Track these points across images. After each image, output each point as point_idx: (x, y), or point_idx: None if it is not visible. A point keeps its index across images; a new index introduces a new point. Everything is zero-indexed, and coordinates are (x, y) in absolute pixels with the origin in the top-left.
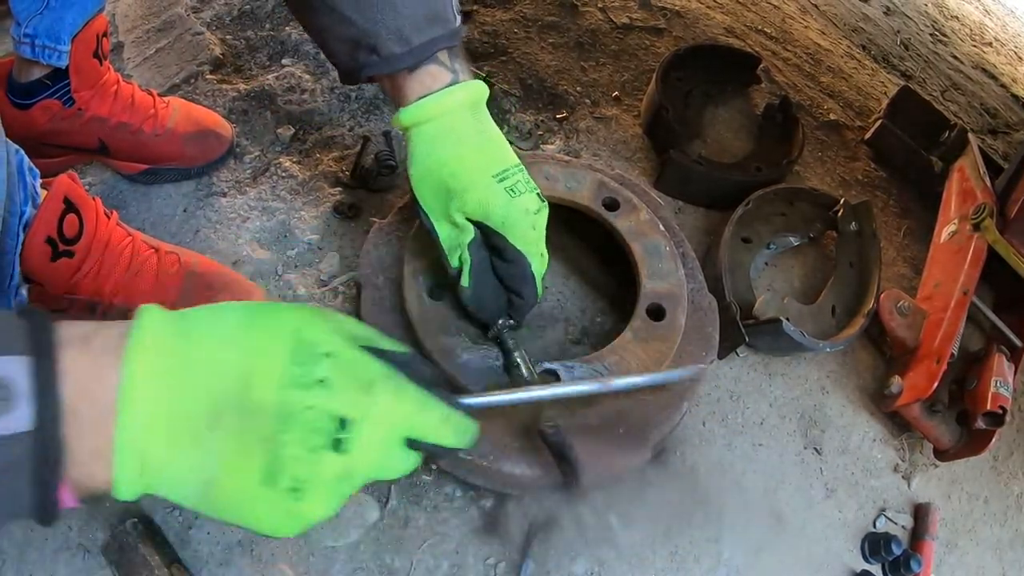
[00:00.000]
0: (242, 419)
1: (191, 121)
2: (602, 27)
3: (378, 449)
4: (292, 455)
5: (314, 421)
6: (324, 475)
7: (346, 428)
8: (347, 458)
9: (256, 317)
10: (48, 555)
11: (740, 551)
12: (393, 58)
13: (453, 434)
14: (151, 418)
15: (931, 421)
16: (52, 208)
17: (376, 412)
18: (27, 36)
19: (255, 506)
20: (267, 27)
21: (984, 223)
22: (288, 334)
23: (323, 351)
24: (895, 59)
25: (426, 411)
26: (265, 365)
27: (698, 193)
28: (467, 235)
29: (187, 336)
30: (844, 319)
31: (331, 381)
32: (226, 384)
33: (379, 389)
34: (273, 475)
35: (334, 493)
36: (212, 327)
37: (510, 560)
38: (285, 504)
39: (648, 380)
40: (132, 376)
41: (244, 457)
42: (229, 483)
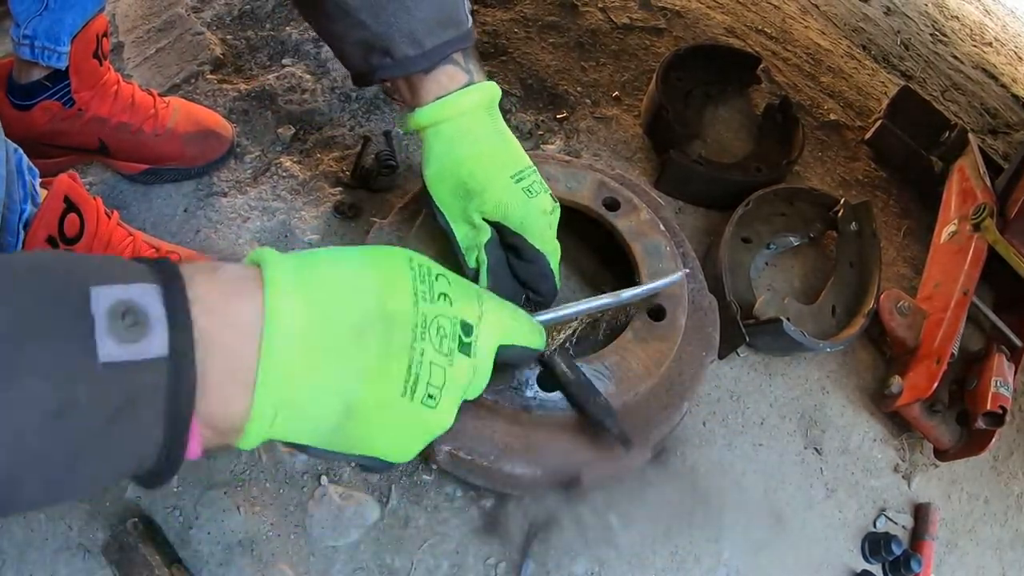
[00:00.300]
0: (385, 331)
1: (191, 121)
2: (602, 27)
3: (489, 352)
4: (429, 360)
5: (445, 327)
6: (456, 379)
7: (470, 332)
8: (473, 361)
9: (373, 250)
10: (48, 555)
11: (740, 551)
12: (407, 61)
13: (537, 336)
14: (295, 337)
15: (931, 421)
16: (53, 207)
17: (488, 316)
18: (26, 37)
19: (392, 418)
20: (267, 27)
21: (984, 223)
22: (406, 260)
23: (436, 272)
24: (895, 59)
25: (519, 316)
26: (397, 284)
27: (698, 193)
28: (484, 235)
29: (317, 265)
30: (844, 319)
31: (451, 294)
32: (365, 302)
33: (487, 300)
34: (414, 382)
35: (458, 398)
36: (337, 258)
37: (510, 560)
38: (419, 414)
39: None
40: (275, 297)
41: (389, 364)
42: (371, 395)
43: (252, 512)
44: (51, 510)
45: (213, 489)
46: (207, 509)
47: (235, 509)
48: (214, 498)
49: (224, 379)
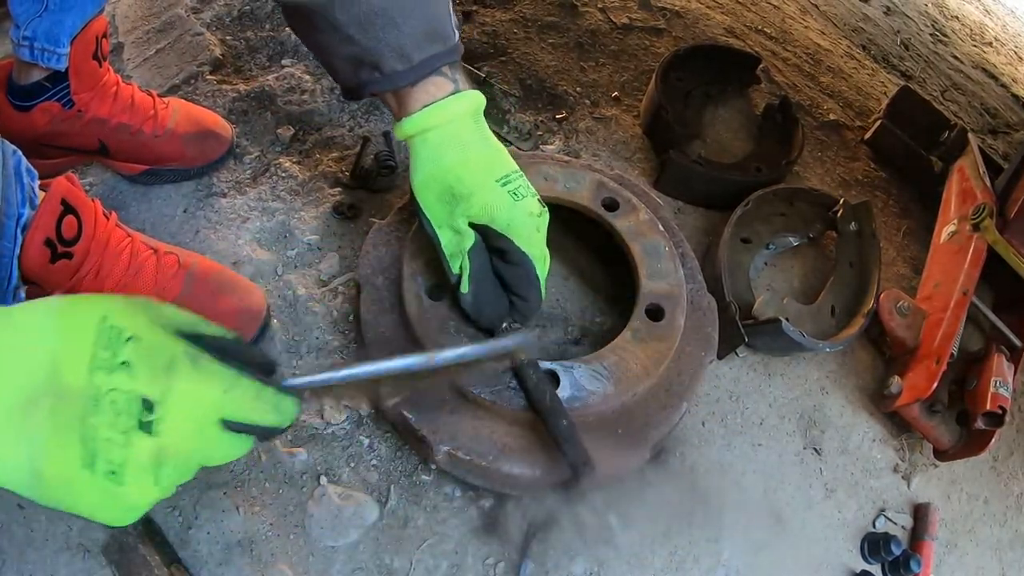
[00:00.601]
0: (55, 403)
1: (191, 122)
2: (602, 27)
3: (191, 430)
4: (104, 437)
5: (120, 403)
6: (138, 457)
7: (152, 410)
8: (159, 439)
9: (66, 306)
10: (48, 555)
11: (739, 551)
12: (395, 75)
13: (269, 411)
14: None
15: (931, 421)
16: (50, 210)
17: (179, 392)
18: (26, 39)
19: (80, 491)
20: (267, 27)
21: (984, 223)
22: (95, 320)
23: (128, 335)
24: (895, 59)
25: (234, 389)
26: (73, 349)
27: (698, 193)
28: (468, 241)
29: (5, 327)
30: (844, 319)
31: (133, 363)
32: (37, 369)
33: (180, 369)
34: (90, 459)
35: (155, 476)
36: (24, 317)
37: (509, 560)
38: (107, 487)
39: (474, 351)
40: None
41: (61, 440)
42: (52, 468)
43: (251, 512)
44: (52, 510)
45: (212, 489)
46: (206, 509)
47: (234, 509)
48: (213, 498)
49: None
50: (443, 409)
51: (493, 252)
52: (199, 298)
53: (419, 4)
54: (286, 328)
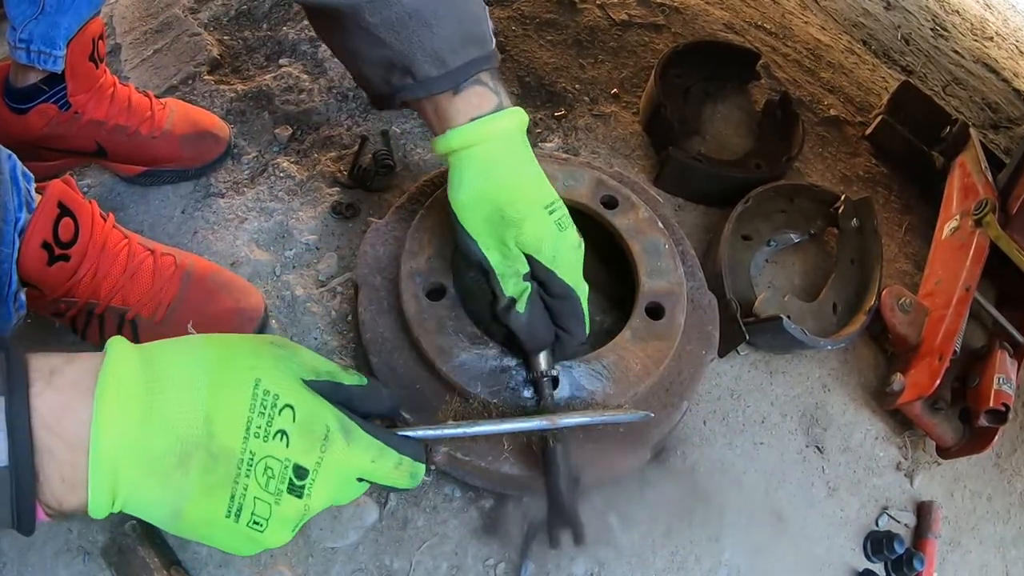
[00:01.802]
0: (208, 462)
1: (189, 122)
2: (600, 24)
3: (332, 490)
4: (253, 496)
5: (274, 469)
6: (283, 514)
7: (305, 476)
8: (305, 501)
9: (220, 361)
10: (48, 557)
11: (741, 551)
12: (429, 81)
13: (404, 477)
14: (121, 455)
15: (933, 419)
16: (46, 213)
17: (331, 463)
18: (22, 41)
19: (219, 533)
20: (264, 27)
21: (986, 219)
22: (250, 383)
23: (283, 402)
24: (896, 54)
25: (379, 460)
26: (229, 414)
27: (698, 190)
28: (523, 265)
29: (154, 375)
30: (845, 316)
31: (290, 433)
32: (192, 427)
33: (335, 442)
34: (237, 511)
35: (293, 525)
36: (178, 367)
37: (509, 561)
38: (247, 534)
39: (596, 420)
40: (101, 416)
41: (209, 496)
42: (195, 515)
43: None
44: None
45: None
46: None
47: None
48: None
49: (59, 483)
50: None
51: (535, 281)
52: (196, 299)
53: (453, 6)
54: (284, 329)
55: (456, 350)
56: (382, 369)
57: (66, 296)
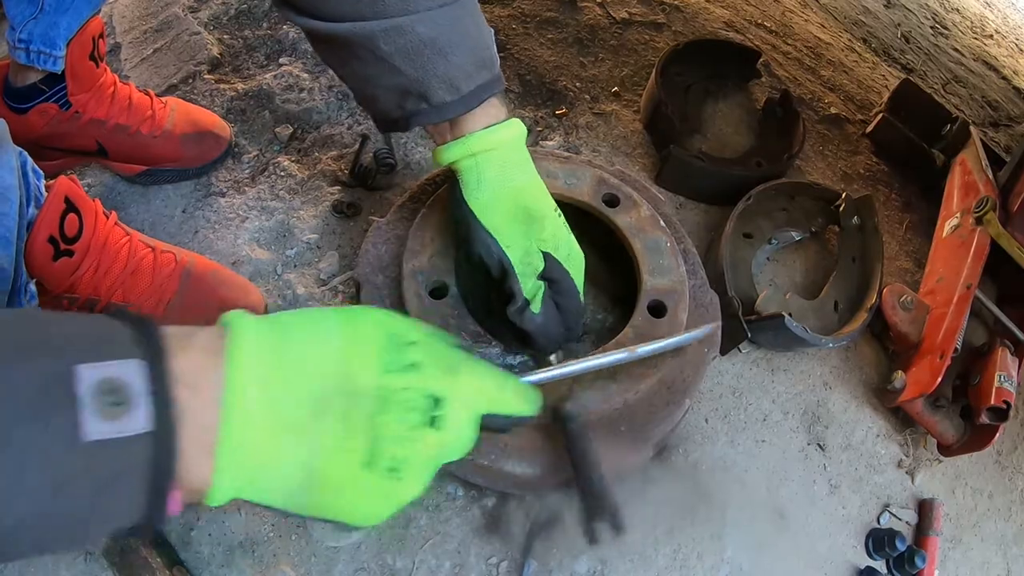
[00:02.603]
0: (346, 405)
1: (189, 122)
2: (601, 22)
3: (464, 424)
4: (392, 434)
5: (410, 401)
6: (422, 452)
7: (439, 406)
8: (441, 434)
9: (345, 314)
10: (50, 558)
11: (743, 548)
12: (444, 107)
13: (526, 403)
14: (255, 411)
15: (935, 416)
16: (54, 208)
17: (463, 389)
18: (22, 41)
19: (354, 491)
20: (264, 26)
21: (987, 217)
22: (377, 327)
23: (410, 339)
24: (896, 52)
25: (503, 385)
26: (363, 354)
27: (699, 189)
28: (540, 263)
29: (284, 333)
30: (847, 314)
31: (421, 364)
32: (328, 374)
33: (463, 369)
34: (375, 456)
35: (427, 472)
36: (305, 325)
37: (512, 559)
38: (384, 486)
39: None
40: (236, 373)
41: (348, 440)
42: (331, 469)
43: (253, 513)
44: None
45: None
46: (208, 510)
47: (236, 510)
48: None
49: (194, 449)
50: None
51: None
52: (196, 297)
53: (466, 33)
54: None
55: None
56: None
57: (68, 292)
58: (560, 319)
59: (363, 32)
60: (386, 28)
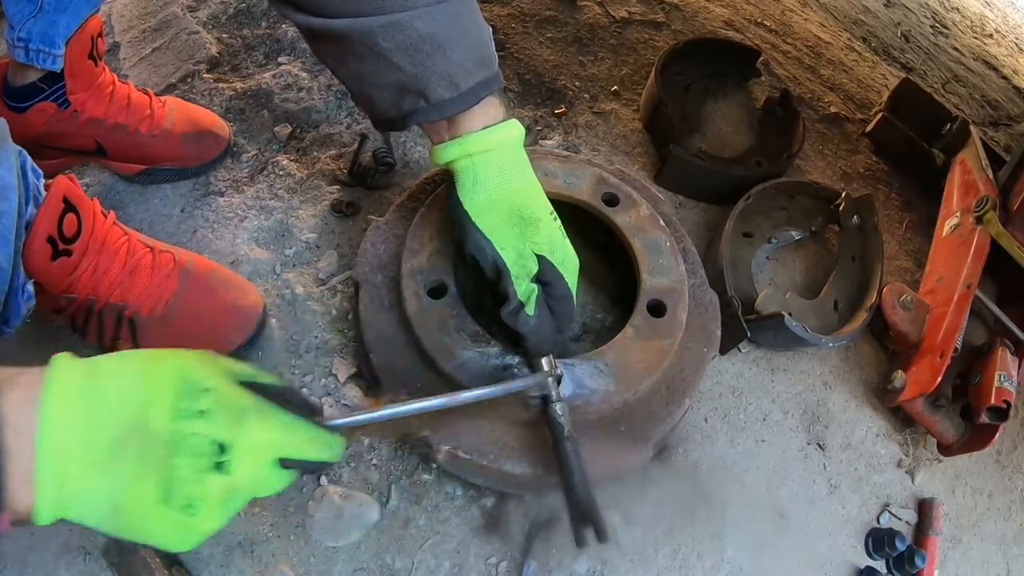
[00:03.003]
0: (140, 446)
1: (188, 121)
2: (600, 21)
3: (254, 468)
4: (182, 476)
5: (198, 446)
6: (212, 493)
7: (225, 451)
8: (229, 478)
9: (150, 361)
10: (49, 558)
11: (743, 548)
12: (443, 104)
13: (320, 449)
14: (65, 447)
15: (935, 416)
16: (52, 207)
17: (248, 435)
18: (21, 40)
19: (155, 523)
20: (263, 25)
21: (987, 216)
22: (176, 373)
23: (204, 387)
24: (896, 51)
25: (292, 433)
26: (157, 400)
27: (698, 188)
28: (534, 265)
29: (93, 377)
30: (847, 314)
31: (210, 412)
32: (126, 417)
33: (250, 416)
34: (168, 494)
35: (223, 509)
36: (114, 369)
37: (512, 559)
38: (181, 520)
39: (494, 391)
40: (47, 411)
41: (143, 479)
42: (131, 504)
43: (252, 513)
44: None
45: None
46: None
47: None
48: None
49: (16, 481)
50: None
51: (537, 282)
52: (194, 296)
53: (465, 30)
54: (285, 327)
55: (458, 348)
56: (383, 368)
57: (67, 292)
58: (553, 322)
59: (362, 28)
60: (385, 24)
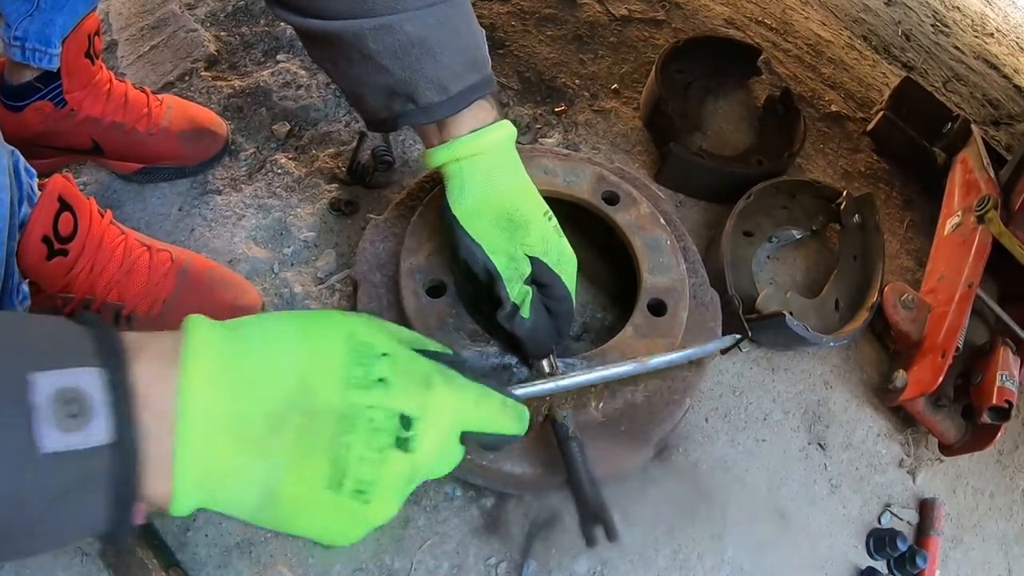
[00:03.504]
0: (305, 423)
1: (186, 119)
2: (600, 19)
3: (440, 444)
4: (357, 456)
5: (378, 420)
6: (391, 475)
7: (410, 426)
8: (413, 456)
9: (309, 322)
10: (47, 559)
11: (743, 549)
12: (431, 108)
13: (512, 421)
14: (210, 426)
15: (936, 416)
16: (47, 207)
17: (437, 407)
18: (17, 39)
19: (319, 512)
20: (262, 23)
21: (988, 215)
22: (343, 336)
23: (380, 351)
24: (896, 50)
25: (484, 403)
26: (325, 368)
27: (699, 186)
28: (527, 268)
29: (243, 343)
30: (848, 313)
31: (391, 380)
32: (286, 388)
33: (438, 384)
34: (338, 478)
35: (400, 493)
36: (267, 334)
37: (511, 560)
38: (350, 508)
39: (681, 356)
40: (190, 384)
41: (308, 462)
42: (292, 490)
43: None
44: None
45: None
46: (204, 511)
47: None
48: None
49: (153, 463)
50: None
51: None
52: (192, 295)
53: (456, 34)
54: None
55: (457, 347)
56: None
57: (63, 291)
58: (551, 324)
59: (351, 30)
60: (374, 26)
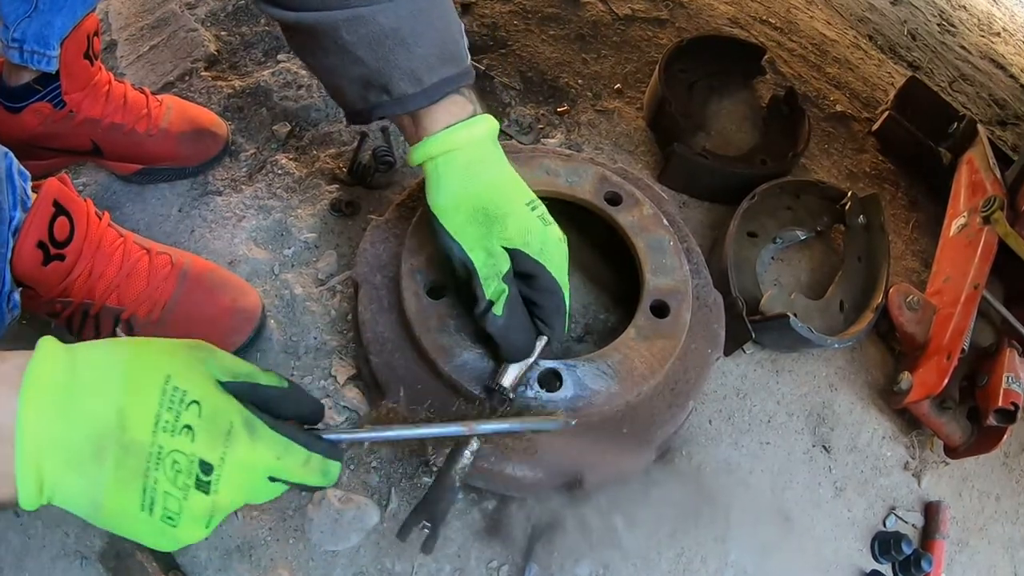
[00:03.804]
0: (121, 455)
1: (186, 120)
2: (603, 18)
3: (241, 487)
4: (163, 491)
5: (181, 463)
6: (194, 510)
7: (210, 471)
8: (214, 497)
9: (136, 358)
10: (46, 562)
11: (747, 552)
12: (405, 99)
13: (314, 475)
14: (43, 445)
15: (941, 418)
16: (42, 212)
17: (236, 458)
18: (15, 41)
19: (137, 526)
20: (262, 23)
21: (994, 216)
22: (162, 379)
23: (191, 398)
24: (902, 49)
25: (287, 456)
26: (139, 408)
27: (702, 187)
28: (504, 264)
29: (75, 372)
30: (852, 314)
31: (196, 428)
32: (107, 421)
33: (237, 437)
34: (150, 504)
35: (205, 523)
36: (96, 364)
37: (513, 563)
38: (162, 528)
39: (512, 427)
40: (25, 410)
41: (123, 486)
42: (113, 507)
43: (250, 517)
44: (48, 517)
45: None
46: None
47: (232, 514)
48: None
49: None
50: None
51: (520, 277)
52: (193, 298)
53: (431, 25)
54: (283, 328)
55: (457, 349)
56: (382, 369)
57: (61, 296)
58: (527, 326)
59: (326, 21)
60: (348, 17)
